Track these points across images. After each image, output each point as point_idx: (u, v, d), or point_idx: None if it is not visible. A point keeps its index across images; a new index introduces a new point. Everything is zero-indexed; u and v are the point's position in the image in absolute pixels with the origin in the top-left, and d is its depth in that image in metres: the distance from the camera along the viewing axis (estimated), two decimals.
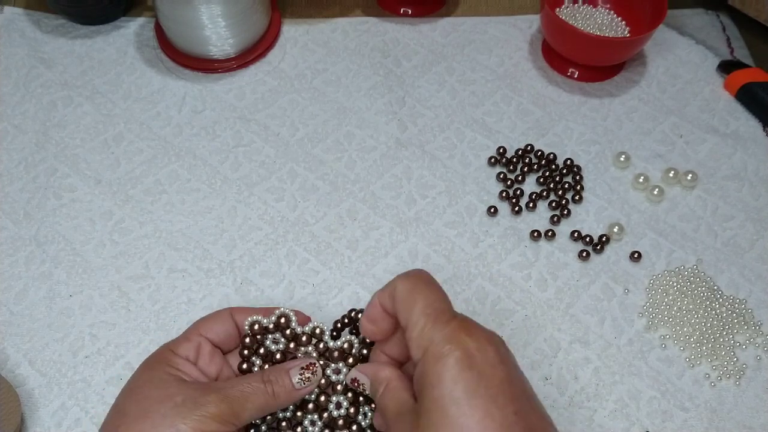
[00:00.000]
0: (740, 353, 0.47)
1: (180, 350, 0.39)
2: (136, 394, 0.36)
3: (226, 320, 0.41)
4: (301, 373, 0.38)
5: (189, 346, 0.39)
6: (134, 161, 0.55)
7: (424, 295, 0.35)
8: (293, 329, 0.40)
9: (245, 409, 0.36)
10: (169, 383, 0.36)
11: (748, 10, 0.63)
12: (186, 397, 0.35)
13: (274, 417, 0.39)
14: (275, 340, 0.40)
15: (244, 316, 0.41)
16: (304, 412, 0.39)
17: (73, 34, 0.63)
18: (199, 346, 0.40)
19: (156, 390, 0.36)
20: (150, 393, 0.36)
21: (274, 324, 0.40)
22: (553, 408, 0.45)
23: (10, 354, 0.46)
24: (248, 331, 0.40)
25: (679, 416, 0.45)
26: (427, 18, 0.65)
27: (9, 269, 0.50)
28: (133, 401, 0.36)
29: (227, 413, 0.35)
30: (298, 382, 0.38)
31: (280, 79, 0.60)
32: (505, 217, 0.53)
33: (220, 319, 0.41)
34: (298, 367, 0.39)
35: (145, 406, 0.35)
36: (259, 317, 0.40)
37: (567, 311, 0.49)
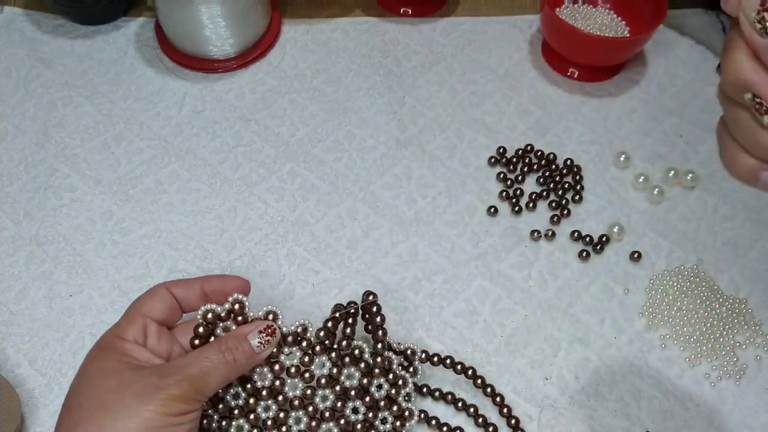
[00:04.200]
0: (740, 353, 0.47)
1: (127, 335, 0.38)
2: (90, 387, 0.35)
3: (165, 296, 0.40)
4: (260, 337, 0.38)
5: (135, 329, 0.38)
6: (134, 161, 0.55)
7: None
8: (246, 316, 0.40)
9: (207, 383, 0.36)
10: (123, 372, 0.35)
11: None
12: (144, 384, 0.34)
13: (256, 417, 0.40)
14: (225, 328, 0.39)
15: (179, 289, 0.40)
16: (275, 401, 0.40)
17: (73, 34, 0.63)
18: (144, 327, 0.38)
19: (111, 380, 0.35)
20: (105, 384, 0.35)
21: (227, 311, 0.40)
22: (553, 408, 0.45)
23: (10, 354, 0.46)
24: (201, 320, 0.39)
25: (679, 416, 0.45)
26: (427, 18, 0.65)
27: (9, 269, 0.50)
28: (88, 395, 0.35)
29: (190, 391, 0.35)
30: (258, 345, 0.38)
31: (280, 79, 0.60)
32: (505, 217, 0.53)
33: (158, 296, 0.40)
34: (256, 330, 0.38)
35: (103, 398, 0.34)
36: (213, 306, 0.40)
37: (567, 311, 0.49)
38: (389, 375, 0.41)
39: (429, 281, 0.50)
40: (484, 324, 0.48)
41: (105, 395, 0.34)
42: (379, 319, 0.42)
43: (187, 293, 0.41)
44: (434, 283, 0.50)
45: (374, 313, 0.42)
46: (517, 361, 0.47)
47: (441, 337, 0.47)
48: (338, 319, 0.41)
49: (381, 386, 0.41)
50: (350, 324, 0.41)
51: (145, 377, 0.35)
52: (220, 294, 0.41)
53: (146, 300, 0.40)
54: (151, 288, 0.41)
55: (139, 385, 0.34)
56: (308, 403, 0.40)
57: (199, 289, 0.41)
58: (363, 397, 0.40)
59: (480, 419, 0.44)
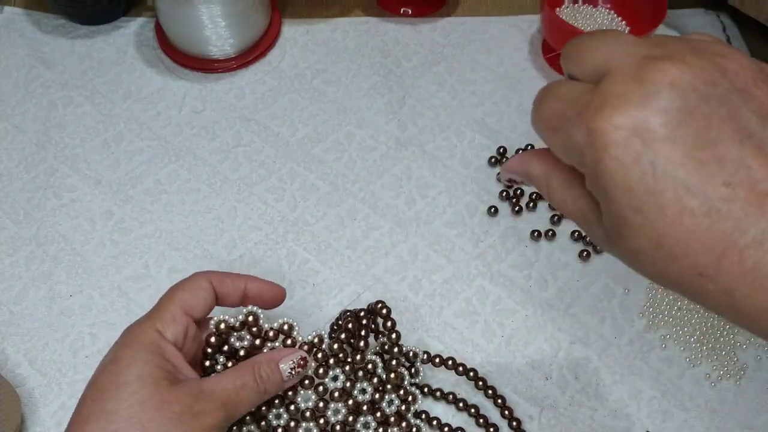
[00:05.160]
0: (740, 353, 0.47)
1: (169, 334, 0.35)
2: (128, 393, 0.32)
3: (209, 291, 0.38)
4: (292, 367, 0.37)
5: (177, 330, 0.36)
6: (134, 161, 0.55)
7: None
8: (261, 327, 0.39)
9: (239, 412, 0.35)
10: (161, 384, 0.33)
11: (748, 10, 0.63)
12: (182, 405, 0.33)
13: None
14: (240, 337, 0.38)
15: (223, 284, 0.38)
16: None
17: (73, 34, 0.63)
18: (186, 329, 0.36)
19: (149, 392, 0.33)
20: (143, 394, 0.32)
21: (241, 323, 0.39)
22: (553, 408, 0.45)
23: (10, 354, 0.46)
24: (214, 330, 0.38)
25: (679, 416, 0.45)
26: (427, 18, 0.65)
27: (9, 269, 0.50)
28: (127, 403, 0.32)
29: (223, 421, 0.34)
30: (288, 375, 0.37)
31: (280, 79, 0.60)
32: (505, 217, 0.53)
33: (201, 291, 0.37)
34: (289, 360, 0.37)
35: (142, 413, 0.32)
36: (226, 317, 0.38)
37: (567, 311, 0.49)
38: (400, 391, 0.41)
39: (429, 281, 0.50)
40: (484, 324, 0.48)
41: (144, 411, 0.32)
42: (390, 324, 0.42)
43: (229, 290, 0.39)
44: (434, 283, 0.50)
45: (385, 316, 0.42)
46: (517, 361, 0.47)
47: (441, 337, 0.47)
48: (351, 331, 0.41)
49: (392, 402, 0.41)
50: (363, 337, 0.41)
51: (182, 397, 0.33)
52: (258, 299, 0.40)
53: (189, 293, 0.37)
54: (194, 278, 0.38)
55: (178, 407, 0.33)
56: (320, 416, 0.39)
57: (243, 288, 0.39)
58: (374, 412, 0.40)
59: (481, 420, 0.44)
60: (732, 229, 0.22)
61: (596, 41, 0.26)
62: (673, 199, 0.22)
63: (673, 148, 0.22)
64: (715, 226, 0.22)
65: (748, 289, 0.22)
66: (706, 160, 0.22)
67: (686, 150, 0.22)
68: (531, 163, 0.30)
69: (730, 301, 0.23)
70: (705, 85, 0.23)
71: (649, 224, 0.23)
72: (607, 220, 0.25)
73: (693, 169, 0.22)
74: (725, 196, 0.22)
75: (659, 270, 0.24)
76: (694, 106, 0.23)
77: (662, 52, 0.24)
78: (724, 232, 0.22)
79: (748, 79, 0.24)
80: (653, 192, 0.23)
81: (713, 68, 0.23)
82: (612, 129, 0.23)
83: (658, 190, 0.22)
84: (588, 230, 0.27)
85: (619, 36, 0.26)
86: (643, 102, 0.23)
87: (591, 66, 0.26)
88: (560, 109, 0.26)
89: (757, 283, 0.22)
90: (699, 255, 0.22)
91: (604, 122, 0.23)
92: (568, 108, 0.25)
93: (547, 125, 0.26)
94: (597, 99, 0.24)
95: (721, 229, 0.22)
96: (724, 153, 0.22)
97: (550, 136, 0.26)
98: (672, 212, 0.22)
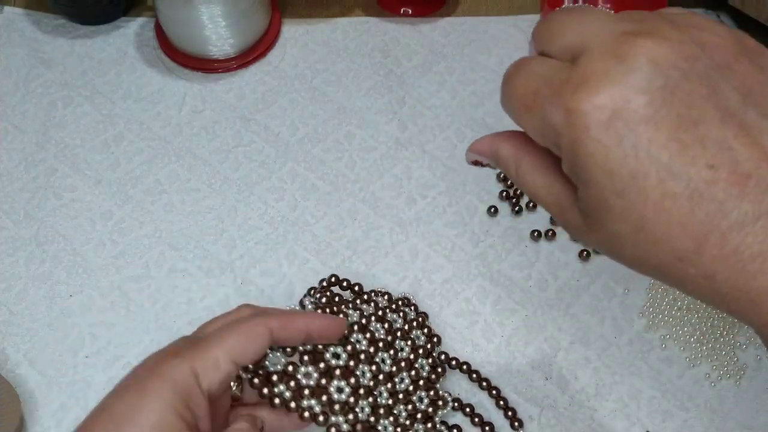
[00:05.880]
0: (740, 353, 0.47)
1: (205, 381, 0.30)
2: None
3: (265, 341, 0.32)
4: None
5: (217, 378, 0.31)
6: (134, 161, 0.55)
7: None
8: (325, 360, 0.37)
9: None
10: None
11: (748, 10, 0.63)
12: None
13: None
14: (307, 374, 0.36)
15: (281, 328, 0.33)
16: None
17: (73, 34, 0.63)
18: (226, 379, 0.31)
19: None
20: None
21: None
22: (553, 408, 0.45)
23: (10, 354, 0.46)
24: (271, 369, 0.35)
25: (679, 416, 0.45)
26: (427, 18, 0.65)
27: (9, 269, 0.50)
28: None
29: None
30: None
31: (280, 79, 0.60)
32: (505, 216, 0.53)
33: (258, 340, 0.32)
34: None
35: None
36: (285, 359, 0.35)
37: (567, 311, 0.49)
38: (430, 391, 0.42)
39: (429, 281, 0.50)
40: (484, 324, 0.48)
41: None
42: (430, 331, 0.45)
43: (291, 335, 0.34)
44: (434, 283, 0.50)
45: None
46: (517, 361, 0.47)
47: (441, 337, 0.47)
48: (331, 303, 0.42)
49: (422, 399, 0.41)
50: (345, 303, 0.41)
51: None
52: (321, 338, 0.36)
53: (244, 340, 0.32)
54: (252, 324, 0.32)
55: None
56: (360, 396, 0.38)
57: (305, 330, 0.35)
58: (407, 403, 0.40)
59: (477, 419, 0.44)
60: (714, 211, 0.21)
61: (571, 18, 0.25)
62: (656, 183, 0.22)
63: (656, 129, 0.22)
64: (698, 209, 0.21)
65: (729, 272, 0.22)
66: (688, 142, 0.22)
67: (669, 131, 0.22)
68: (500, 144, 0.29)
69: (710, 284, 0.22)
70: (685, 60, 0.22)
71: (631, 208, 0.22)
72: (585, 204, 0.24)
73: (676, 152, 0.22)
74: (708, 178, 0.21)
75: (639, 254, 0.23)
76: (675, 84, 0.22)
77: (640, 28, 0.23)
78: (706, 215, 0.21)
79: (729, 54, 0.23)
80: (636, 175, 0.22)
81: (693, 42, 0.23)
82: (593, 109, 0.22)
83: (641, 173, 0.22)
84: (561, 216, 0.26)
85: (593, 12, 0.25)
86: (624, 80, 0.22)
87: (566, 43, 0.24)
88: (534, 87, 0.24)
89: (739, 265, 0.21)
90: (680, 239, 0.22)
91: (584, 102, 0.22)
92: (543, 86, 0.24)
93: (519, 104, 0.25)
94: (575, 77, 0.23)
95: (704, 213, 0.21)
96: (706, 133, 0.22)
97: (523, 116, 0.25)
98: (655, 196, 0.22)
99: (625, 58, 0.22)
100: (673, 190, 0.22)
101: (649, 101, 0.22)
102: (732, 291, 0.22)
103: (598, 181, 0.22)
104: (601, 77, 0.22)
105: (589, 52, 0.23)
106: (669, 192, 0.22)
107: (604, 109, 0.22)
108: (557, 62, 0.25)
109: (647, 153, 0.22)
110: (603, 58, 0.22)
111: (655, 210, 0.22)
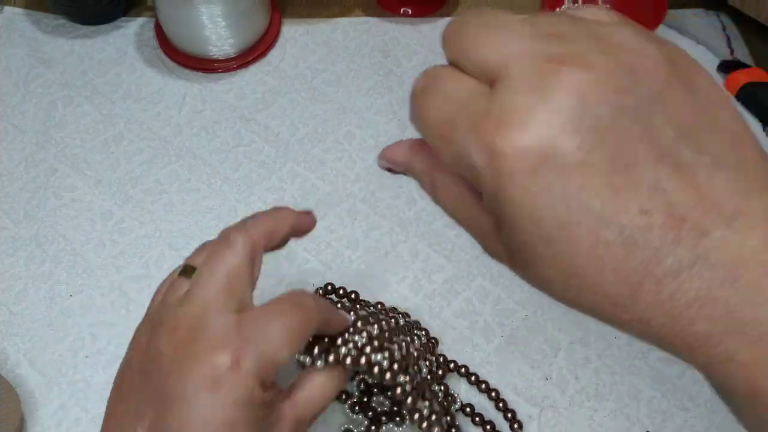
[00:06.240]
0: None
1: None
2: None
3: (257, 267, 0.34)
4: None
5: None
6: (134, 161, 0.55)
7: None
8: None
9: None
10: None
11: (748, 10, 0.63)
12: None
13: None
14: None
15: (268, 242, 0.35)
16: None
17: (73, 34, 0.63)
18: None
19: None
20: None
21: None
22: (553, 408, 0.45)
23: (10, 354, 0.46)
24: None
25: (679, 416, 0.45)
26: (427, 18, 0.65)
27: (9, 269, 0.50)
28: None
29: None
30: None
31: (280, 79, 0.60)
32: None
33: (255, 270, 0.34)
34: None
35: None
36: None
37: (567, 311, 0.48)
38: (441, 386, 0.42)
39: (429, 281, 0.50)
40: (484, 324, 0.48)
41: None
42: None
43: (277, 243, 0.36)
44: (434, 283, 0.50)
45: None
46: (517, 361, 0.47)
47: (441, 337, 0.47)
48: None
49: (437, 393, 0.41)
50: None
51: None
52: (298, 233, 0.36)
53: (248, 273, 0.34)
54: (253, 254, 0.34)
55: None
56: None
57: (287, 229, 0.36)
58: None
59: (477, 418, 0.44)
60: (649, 258, 0.20)
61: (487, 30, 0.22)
62: (588, 231, 0.20)
63: (587, 175, 0.20)
64: (632, 256, 0.20)
65: (665, 318, 0.20)
66: (621, 187, 0.20)
67: (601, 176, 0.20)
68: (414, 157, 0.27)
69: (646, 329, 0.21)
70: (616, 94, 0.20)
71: (561, 256, 0.21)
72: (510, 244, 0.22)
73: (608, 198, 0.20)
74: (642, 224, 0.20)
75: (571, 297, 0.22)
76: (606, 123, 0.20)
77: (564, 50, 0.21)
78: (641, 262, 0.20)
79: (661, 79, 0.21)
80: (566, 224, 0.20)
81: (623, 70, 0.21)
82: (517, 154, 0.20)
83: (572, 223, 0.20)
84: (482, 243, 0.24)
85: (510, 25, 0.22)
86: (551, 120, 0.20)
87: (482, 60, 0.22)
88: (449, 114, 0.22)
89: (675, 311, 0.20)
90: (614, 285, 0.21)
91: (508, 145, 0.20)
92: (459, 115, 0.22)
93: (433, 131, 0.23)
94: (496, 112, 0.20)
95: (638, 260, 0.20)
96: (639, 176, 0.20)
97: (436, 143, 0.23)
98: (586, 244, 0.20)
99: (551, 92, 0.20)
100: (606, 238, 0.20)
101: (579, 144, 0.20)
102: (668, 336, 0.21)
103: (525, 228, 0.21)
104: (524, 115, 0.20)
105: (510, 81, 0.21)
106: (602, 240, 0.20)
107: (529, 154, 0.20)
108: (474, 84, 0.22)
109: (578, 201, 0.20)
110: (525, 90, 0.20)
111: (587, 257, 0.21)
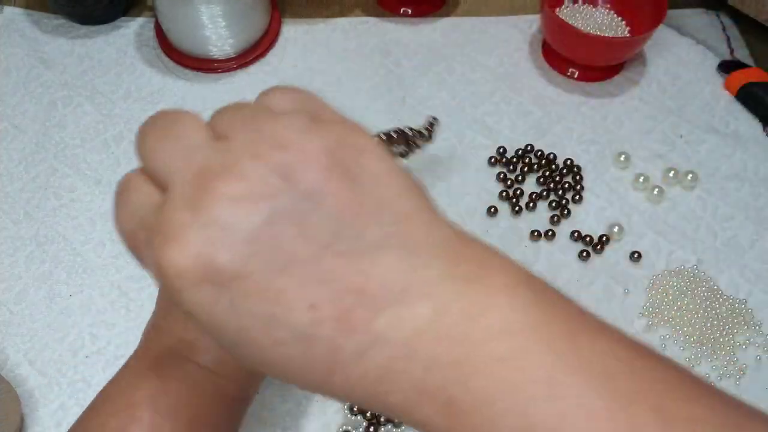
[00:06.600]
0: (740, 353, 0.47)
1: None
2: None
3: None
4: None
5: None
6: (134, 161, 0.55)
7: None
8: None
9: None
10: None
11: (748, 10, 0.63)
12: None
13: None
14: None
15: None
16: None
17: (73, 34, 0.63)
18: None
19: None
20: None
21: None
22: None
23: (10, 354, 0.46)
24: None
25: None
26: (427, 18, 0.65)
27: (9, 269, 0.50)
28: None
29: None
30: None
31: (280, 79, 0.60)
32: (505, 217, 0.53)
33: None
34: None
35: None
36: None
37: None
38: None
39: None
40: None
41: None
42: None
43: None
44: None
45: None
46: None
47: None
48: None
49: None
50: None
51: None
52: None
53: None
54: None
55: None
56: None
57: None
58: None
59: None
60: (328, 349, 0.21)
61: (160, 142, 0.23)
62: (263, 334, 0.21)
63: (248, 283, 0.20)
64: (311, 350, 0.21)
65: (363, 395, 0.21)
66: (283, 287, 0.20)
67: (261, 282, 0.20)
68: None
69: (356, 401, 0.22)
70: (267, 200, 0.20)
71: (250, 354, 0.22)
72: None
73: (273, 300, 0.20)
74: (311, 320, 0.20)
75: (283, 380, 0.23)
76: (258, 231, 0.20)
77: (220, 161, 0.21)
78: (321, 354, 0.21)
79: (318, 172, 0.21)
80: (241, 330, 0.21)
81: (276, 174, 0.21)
82: (179, 272, 0.20)
83: (246, 328, 0.21)
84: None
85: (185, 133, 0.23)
86: (205, 236, 0.20)
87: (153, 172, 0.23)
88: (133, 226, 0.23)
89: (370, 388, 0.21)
90: (307, 375, 0.21)
91: (169, 265, 0.20)
92: (141, 228, 0.22)
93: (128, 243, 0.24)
94: (161, 227, 0.21)
95: (319, 352, 0.21)
96: (302, 272, 0.20)
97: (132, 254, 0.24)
98: (266, 344, 0.21)
99: (203, 208, 0.20)
100: (281, 338, 0.21)
101: (233, 257, 0.20)
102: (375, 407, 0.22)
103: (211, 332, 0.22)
104: (180, 233, 0.20)
105: (172, 196, 0.21)
106: (278, 340, 0.21)
107: (189, 272, 0.20)
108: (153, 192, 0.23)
109: (245, 309, 0.20)
110: (182, 206, 0.21)
111: (272, 355, 0.21)
